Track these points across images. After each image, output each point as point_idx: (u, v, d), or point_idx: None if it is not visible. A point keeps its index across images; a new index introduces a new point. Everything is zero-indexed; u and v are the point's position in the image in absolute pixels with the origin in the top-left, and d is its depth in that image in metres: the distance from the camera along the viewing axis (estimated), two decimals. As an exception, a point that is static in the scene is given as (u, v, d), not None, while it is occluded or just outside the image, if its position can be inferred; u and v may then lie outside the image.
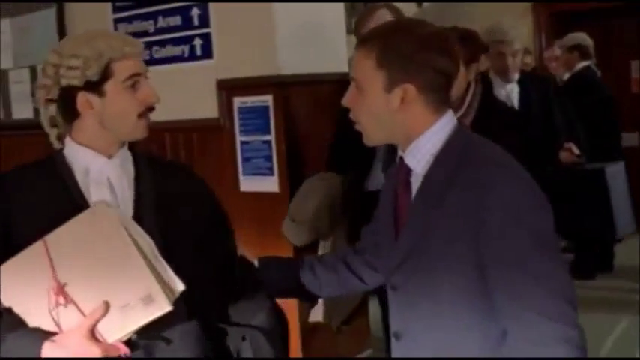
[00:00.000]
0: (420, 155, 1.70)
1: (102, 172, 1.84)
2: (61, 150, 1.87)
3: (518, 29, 4.04)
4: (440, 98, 1.70)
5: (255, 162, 3.66)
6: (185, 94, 3.80)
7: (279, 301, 2.02)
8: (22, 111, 4.83)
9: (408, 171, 1.74)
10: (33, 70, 4.73)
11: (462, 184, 1.61)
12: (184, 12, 3.81)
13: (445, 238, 1.62)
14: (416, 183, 1.72)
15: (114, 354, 1.64)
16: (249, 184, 3.70)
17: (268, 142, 3.60)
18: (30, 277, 1.67)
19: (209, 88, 3.76)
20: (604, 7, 6.90)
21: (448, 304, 1.65)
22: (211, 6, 3.72)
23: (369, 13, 3.34)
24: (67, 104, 1.80)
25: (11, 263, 1.69)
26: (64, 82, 1.78)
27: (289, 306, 2.74)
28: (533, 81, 4.46)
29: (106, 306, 1.63)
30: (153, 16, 3.95)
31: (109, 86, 1.79)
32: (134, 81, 1.81)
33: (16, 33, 4.79)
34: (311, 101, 3.65)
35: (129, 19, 4.05)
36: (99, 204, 1.75)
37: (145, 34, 3.94)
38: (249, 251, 2.22)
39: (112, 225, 1.69)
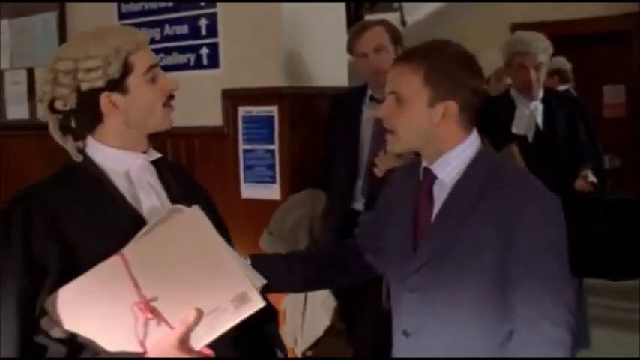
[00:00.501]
0: (449, 168, 1.86)
1: (142, 174, 1.80)
2: (84, 156, 1.78)
3: (543, 42, 3.80)
4: (471, 116, 1.88)
5: (258, 170, 3.76)
6: (190, 101, 3.88)
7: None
8: (17, 112, 4.87)
9: (432, 181, 1.89)
10: (30, 72, 4.78)
11: (493, 197, 1.79)
12: (192, 21, 3.91)
13: (470, 245, 1.79)
14: (440, 192, 1.88)
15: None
16: (250, 191, 3.80)
17: (271, 151, 3.71)
18: (106, 295, 1.60)
19: (214, 96, 3.86)
20: (580, 34, 7.15)
21: (465, 305, 1.81)
22: (219, 16, 3.82)
23: (363, 30, 3.34)
24: (89, 109, 1.73)
25: (80, 282, 1.61)
26: (84, 86, 1.70)
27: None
28: (557, 99, 4.02)
29: (198, 314, 1.59)
30: (159, 24, 4.03)
31: (131, 81, 1.73)
32: (153, 74, 1.76)
33: (15, 34, 4.83)
34: (315, 113, 3.77)
35: (134, 26, 4.11)
36: (189, 209, 1.68)
37: (151, 41, 4.01)
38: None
39: (200, 228, 1.64)
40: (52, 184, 1.76)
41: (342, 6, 3.97)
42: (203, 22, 3.88)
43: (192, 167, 3.84)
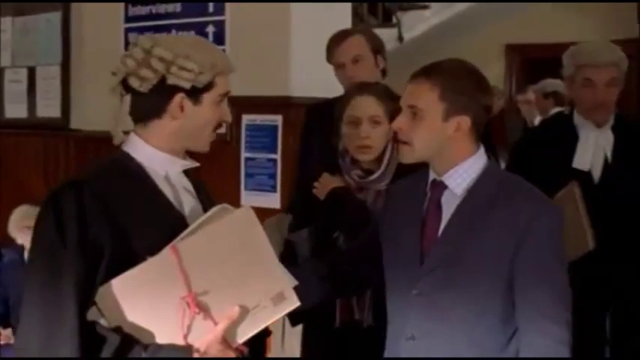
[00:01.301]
0: (460, 178, 1.97)
1: (179, 178, 1.83)
2: (123, 152, 1.79)
3: (616, 53, 3.05)
4: (479, 131, 1.99)
5: (259, 178, 3.79)
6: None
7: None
8: (15, 110, 4.87)
9: (440, 192, 1.99)
10: (31, 71, 4.78)
11: (502, 208, 1.91)
12: (200, 27, 3.93)
13: (479, 254, 1.90)
14: (448, 203, 1.98)
15: (239, 356, 1.68)
16: (250, 198, 3.82)
17: (274, 160, 3.73)
18: (155, 287, 1.63)
19: (218, 103, 3.87)
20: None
21: (474, 309, 1.92)
22: (227, 24, 3.85)
23: (343, 38, 3.20)
24: (159, 101, 1.74)
25: (131, 275, 1.63)
26: (171, 80, 1.72)
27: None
28: (632, 127, 3.16)
29: (241, 310, 1.64)
30: (166, 29, 4.05)
31: (206, 96, 1.76)
32: (223, 99, 1.81)
33: (18, 32, 4.83)
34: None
35: (140, 30, 4.14)
36: (241, 209, 1.73)
37: (157, 45, 4.03)
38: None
39: (251, 227, 1.69)
40: (99, 174, 1.77)
41: (349, 18, 4.00)
42: (210, 29, 3.91)
43: (192, 172, 3.84)
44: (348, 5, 4.09)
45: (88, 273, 1.63)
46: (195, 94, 1.75)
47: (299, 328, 3.09)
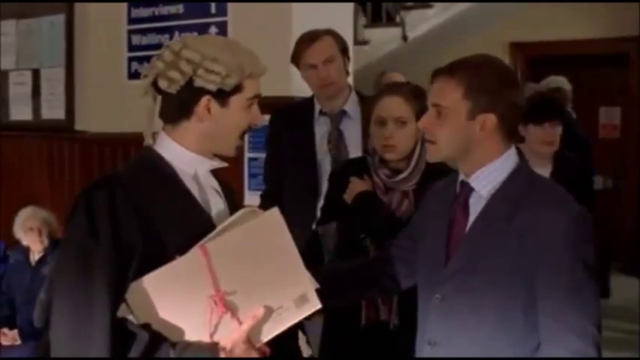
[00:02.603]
0: (486, 181, 1.89)
1: (208, 178, 1.83)
2: (152, 151, 1.80)
3: None
4: (511, 130, 1.91)
5: (262, 178, 3.78)
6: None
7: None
8: (20, 112, 4.89)
9: (468, 193, 1.93)
10: (35, 73, 4.81)
11: (527, 212, 1.81)
12: (202, 28, 3.94)
13: (502, 258, 1.81)
14: (475, 204, 1.91)
15: (262, 356, 1.69)
16: (254, 198, 3.82)
17: (277, 161, 3.73)
18: (183, 286, 1.64)
19: (221, 104, 3.88)
20: (578, 55, 7.24)
21: (494, 317, 1.83)
22: (230, 26, 3.86)
23: (313, 40, 3.18)
24: (186, 102, 1.75)
25: (160, 273, 1.64)
26: (198, 82, 1.72)
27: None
28: None
29: (265, 311, 1.66)
30: (169, 30, 4.07)
31: (234, 99, 1.76)
32: (253, 102, 1.80)
33: (22, 35, 4.86)
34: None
35: (143, 32, 4.16)
36: (269, 211, 1.74)
37: (159, 46, 4.04)
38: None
39: (278, 229, 1.71)
40: (130, 172, 1.78)
41: (351, 22, 4.01)
42: (213, 30, 3.92)
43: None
44: (350, 5, 4.09)
45: (120, 271, 1.64)
46: (222, 96, 1.74)
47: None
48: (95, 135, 4.49)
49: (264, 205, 3.11)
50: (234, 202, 1.93)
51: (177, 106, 1.77)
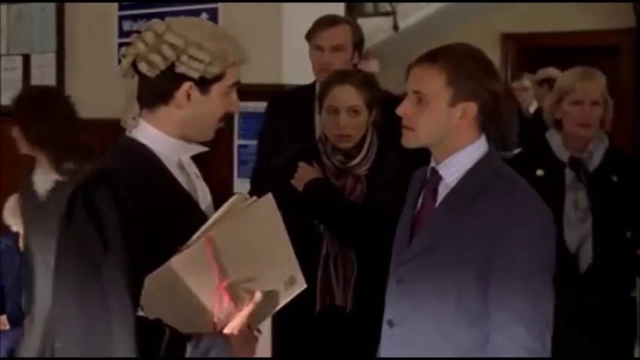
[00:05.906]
0: (454, 169, 1.92)
1: (190, 163, 1.81)
2: (130, 138, 1.75)
3: None
4: (485, 120, 1.93)
5: (252, 165, 3.79)
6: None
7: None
8: (11, 97, 4.87)
9: (437, 180, 1.95)
10: (26, 58, 4.79)
11: (489, 201, 1.85)
12: (193, 15, 3.88)
13: (461, 243, 1.85)
14: (443, 192, 1.94)
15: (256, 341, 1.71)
16: (243, 185, 3.83)
17: (267, 148, 3.73)
18: (190, 277, 1.61)
19: (211, 90, 3.88)
20: (569, 47, 7.25)
21: (449, 301, 1.86)
22: (220, 12, 3.87)
23: (331, 24, 3.18)
24: (166, 87, 1.71)
25: (168, 266, 1.60)
26: (179, 68, 1.68)
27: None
28: None
29: (262, 296, 1.65)
30: (159, 16, 4.01)
31: (215, 87, 1.73)
32: (232, 89, 1.77)
33: (12, 20, 4.84)
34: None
35: (134, 17, 4.16)
36: (264, 197, 1.75)
37: (150, 33, 4.04)
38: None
39: (273, 214, 1.73)
40: (121, 162, 1.72)
41: (341, 5, 4.01)
42: (204, 16, 3.91)
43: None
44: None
45: (134, 269, 1.59)
46: (203, 84, 1.71)
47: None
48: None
49: (256, 186, 3.18)
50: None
51: (156, 90, 1.72)
